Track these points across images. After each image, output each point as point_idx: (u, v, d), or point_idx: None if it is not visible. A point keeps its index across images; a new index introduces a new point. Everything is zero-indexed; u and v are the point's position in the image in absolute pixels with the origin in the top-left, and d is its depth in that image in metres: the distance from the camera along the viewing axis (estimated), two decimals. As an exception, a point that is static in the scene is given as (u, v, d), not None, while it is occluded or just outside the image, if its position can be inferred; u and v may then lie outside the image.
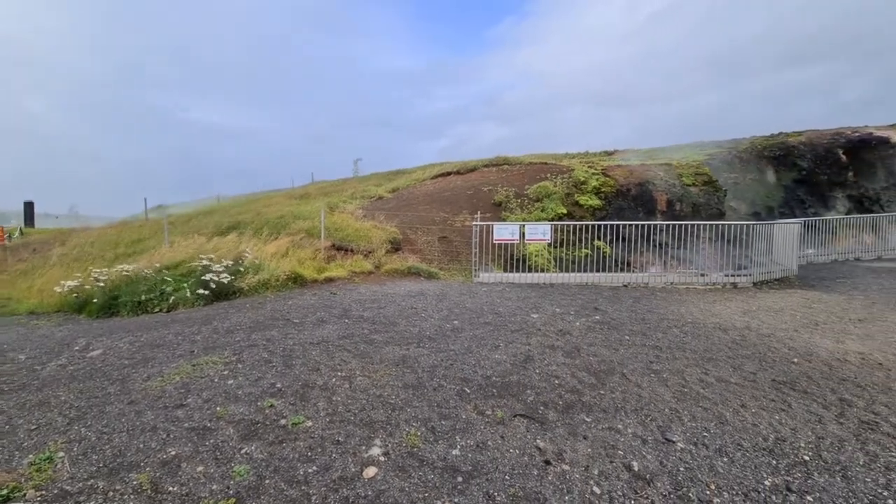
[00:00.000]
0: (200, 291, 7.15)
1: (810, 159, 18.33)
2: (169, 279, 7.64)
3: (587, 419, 3.36)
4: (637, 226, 10.07)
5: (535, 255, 10.42)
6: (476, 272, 9.12)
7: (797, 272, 9.63)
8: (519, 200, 13.25)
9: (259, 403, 3.47)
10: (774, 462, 2.84)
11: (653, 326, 5.70)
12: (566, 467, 2.78)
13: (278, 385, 3.81)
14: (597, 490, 2.57)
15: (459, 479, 2.61)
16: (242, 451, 2.83)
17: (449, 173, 16.67)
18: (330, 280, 8.27)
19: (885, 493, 2.52)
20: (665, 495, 2.53)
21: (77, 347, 5.09)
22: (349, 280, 8.51)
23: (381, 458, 2.79)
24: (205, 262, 7.78)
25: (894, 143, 18.27)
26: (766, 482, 2.64)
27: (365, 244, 9.91)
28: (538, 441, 3.05)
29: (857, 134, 18.95)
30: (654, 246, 10.97)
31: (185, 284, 7.37)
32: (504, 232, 9.10)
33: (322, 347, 4.75)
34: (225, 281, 7.40)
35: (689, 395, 3.78)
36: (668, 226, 10.15)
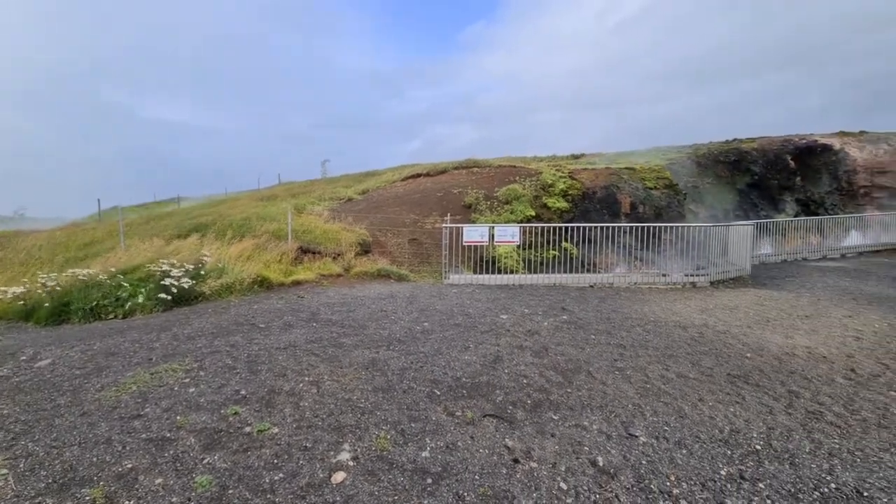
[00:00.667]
0: (161, 296, 6.86)
1: (762, 165, 19.37)
2: (125, 284, 7.28)
3: (555, 417, 3.43)
4: (603, 228, 10.36)
5: (505, 257, 10.56)
6: (446, 274, 9.16)
7: (750, 272, 10.15)
8: (489, 202, 13.39)
9: (222, 411, 3.36)
10: (729, 452, 2.98)
11: (617, 325, 5.88)
12: (534, 465, 2.83)
13: (243, 392, 3.70)
14: (563, 486, 2.63)
15: (429, 480, 2.62)
16: (205, 461, 2.74)
17: (419, 175, 16.67)
18: (297, 283, 8.11)
19: (828, 478, 2.70)
20: (628, 488, 2.61)
21: (23, 357, 4.78)
22: (317, 283, 8.36)
23: (350, 463, 2.76)
24: (164, 267, 7.46)
25: (837, 150, 19.55)
26: (722, 472, 2.77)
27: (334, 246, 9.78)
28: (507, 440, 3.09)
29: (804, 141, 20.17)
30: (619, 247, 11.31)
31: (143, 289, 7.05)
32: (474, 234, 9.18)
33: (289, 352, 4.65)
34: (186, 286, 7.12)
35: (651, 390, 3.92)
36: (631, 228, 10.49)
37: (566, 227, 11.04)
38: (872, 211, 17.83)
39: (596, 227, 10.44)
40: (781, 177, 19.33)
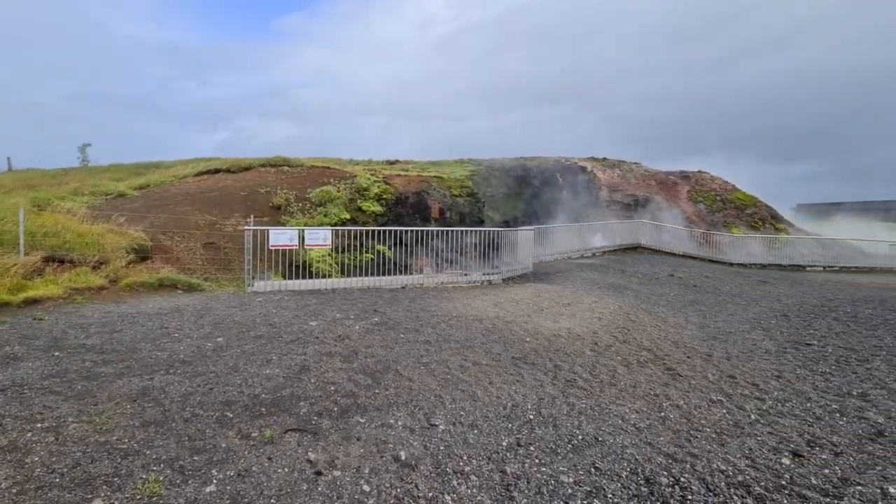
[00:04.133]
0: None
1: (540, 180, 23.40)
2: None
3: (361, 420, 3.40)
4: (415, 231, 10.92)
5: (319, 261, 10.17)
6: (250, 281, 8.29)
7: (532, 269, 12.10)
8: (300, 204, 12.70)
9: None
10: (510, 425, 3.43)
11: (425, 323, 6.24)
12: (338, 473, 2.73)
13: (-83, 461, 2.59)
14: (366, 488, 2.60)
15: (212, 519, 2.27)
16: None
17: (218, 171, 14.72)
18: (33, 301, 6.18)
19: (577, 432, 3.34)
20: (427, 476, 2.75)
21: None
22: (68, 299, 6.54)
23: (100, 524, 2.19)
24: None
25: (589, 171, 24.99)
26: (504, 443, 3.17)
27: (95, 253, 7.80)
28: (310, 453, 2.92)
29: (568, 163, 25.18)
30: (430, 250, 12.11)
31: None
32: (282, 237, 8.54)
33: (10, 395, 3.48)
34: None
35: (451, 380, 4.25)
36: (440, 231, 11.34)
37: (381, 231, 11.27)
38: (611, 219, 23.40)
39: (409, 231, 10.94)
40: (554, 190, 23.75)
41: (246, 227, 8.47)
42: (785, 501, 2.55)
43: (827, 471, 2.87)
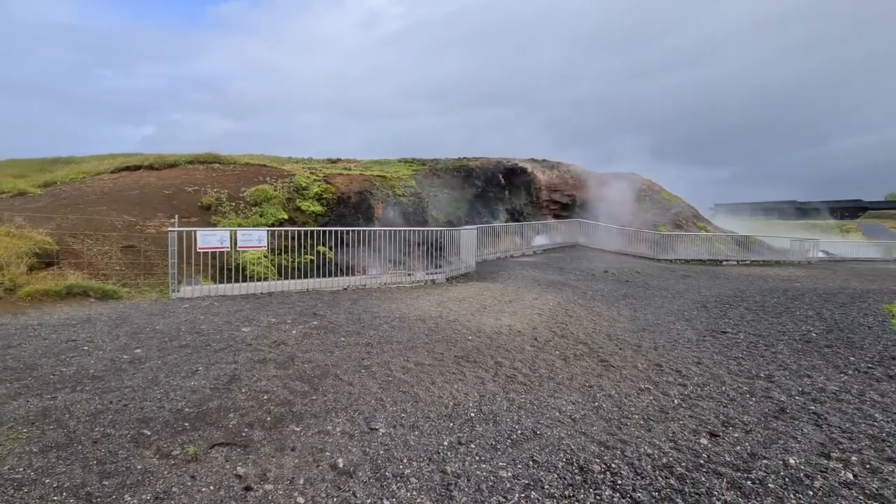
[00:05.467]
0: None
1: (483, 180, 23.77)
2: None
3: (297, 429, 3.25)
4: (357, 231, 10.67)
5: (254, 264, 9.65)
6: (176, 287, 7.68)
7: (475, 268, 12.26)
8: (233, 204, 11.99)
9: None
10: (451, 424, 3.42)
11: (367, 325, 6.10)
12: (270, 487, 2.58)
13: None
14: (300, 500, 2.48)
15: (121, 550, 2.05)
16: None
17: (139, 167, 13.52)
18: None
19: (517, 428, 3.40)
20: (365, 482, 2.67)
21: None
22: (-48, 312, 5.71)
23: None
24: None
25: (529, 172, 25.75)
26: (445, 442, 3.15)
27: (-12, 259, 6.87)
28: (239, 468, 2.73)
29: (510, 163, 25.78)
30: (373, 250, 11.90)
31: None
32: (211, 239, 8.00)
33: None
34: None
35: (392, 382, 4.17)
36: (384, 231, 11.18)
37: (322, 231, 10.91)
38: (550, 218, 24.27)
39: (351, 231, 10.68)
40: (496, 190, 24.24)
41: (170, 229, 7.84)
42: (703, 479, 2.74)
43: (739, 448, 3.13)
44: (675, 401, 3.96)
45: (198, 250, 7.94)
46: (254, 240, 8.50)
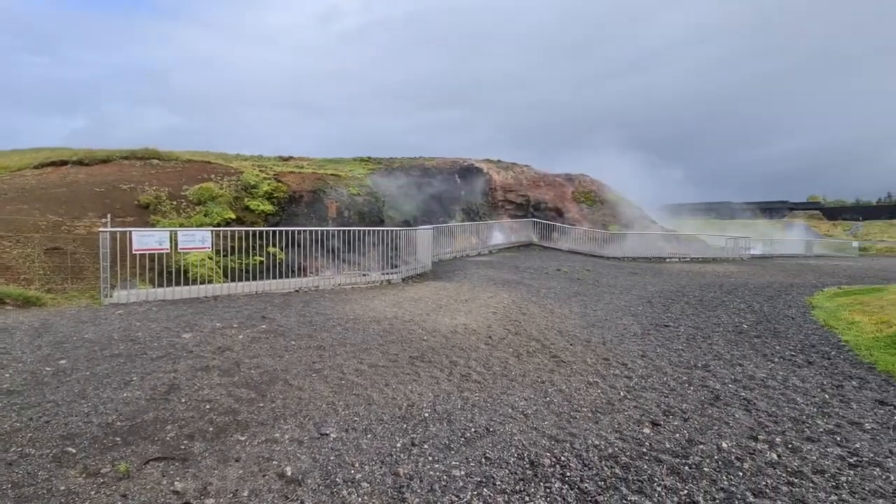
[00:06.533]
0: None
1: (439, 179, 23.83)
2: None
3: (242, 438, 3.10)
4: (311, 231, 10.37)
5: (198, 266, 9.12)
6: (109, 292, 7.13)
7: (432, 268, 12.25)
8: (175, 203, 11.30)
9: None
10: (405, 425, 3.39)
11: (319, 327, 5.93)
12: (211, 501, 2.45)
13: None
14: (244, 514, 2.36)
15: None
16: None
17: (66, 163, 12.43)
18: None
19: (471, 426, 3.42)
20: (315, 490, 2.58)
21: None
22: None
23: None
24: None
25: (485, 172, 26.09)
26: (399, 444, 3.11)
27: None
28: (177, 483, 2.57)
29: (466, 163, 25.99)
30: (327, 251, 11.61)
31: None
32: (149, 240, 7.48)
33: None
34: None
35: (345, 386, 4.08)
36: (338, 231, 10.93)
37: (272, 231, 10.52)
38: (506, 218, 24.69)
39: (304, 231, 10.36)
40: (452, 190, 24.37)
41: (102, 229, 7.27)
42: (645, 466, 2.87)
43: (678, 435, 3.30)
44: (621, 393, 4.12)
45: (134, 252, 7.41)
46: (197, 240, 8.04)
